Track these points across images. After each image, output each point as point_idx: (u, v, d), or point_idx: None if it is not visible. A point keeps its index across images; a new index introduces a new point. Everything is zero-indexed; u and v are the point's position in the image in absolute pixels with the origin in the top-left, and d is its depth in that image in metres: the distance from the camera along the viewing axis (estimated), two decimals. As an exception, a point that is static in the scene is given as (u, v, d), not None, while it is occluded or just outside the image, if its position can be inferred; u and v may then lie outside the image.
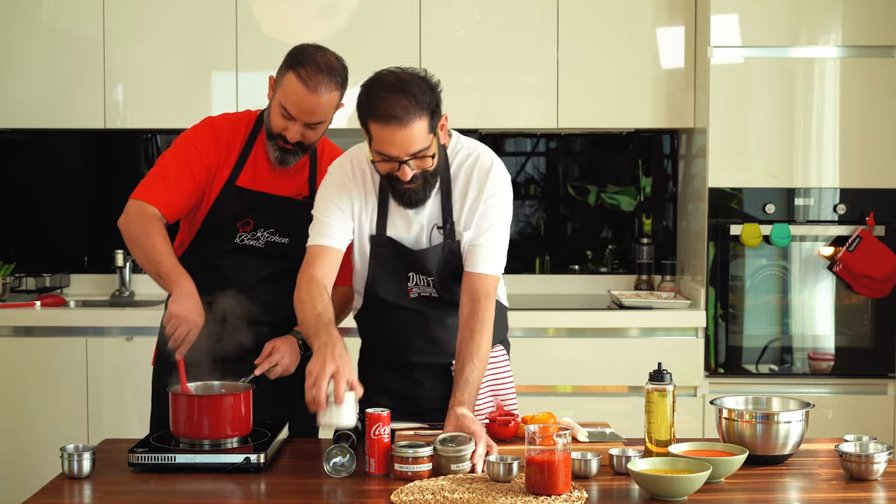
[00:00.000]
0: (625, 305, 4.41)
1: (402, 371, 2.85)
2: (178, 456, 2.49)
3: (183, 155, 2.95)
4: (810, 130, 4.30)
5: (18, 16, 4.50)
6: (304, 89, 2.84)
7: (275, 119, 2.90)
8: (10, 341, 4.30)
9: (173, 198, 2.93)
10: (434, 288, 2.76)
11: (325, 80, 2.85)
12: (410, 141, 2.53)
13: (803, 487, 2.41)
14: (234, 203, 2.95)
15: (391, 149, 2.54)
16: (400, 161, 2.56)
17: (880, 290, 4.27)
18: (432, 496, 2.25)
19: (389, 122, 2.51)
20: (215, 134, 2.98)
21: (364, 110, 2.57)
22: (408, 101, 2.52)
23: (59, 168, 4.97)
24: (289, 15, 4.53)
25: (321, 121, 2.90)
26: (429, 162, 2.59)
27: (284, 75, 2.88)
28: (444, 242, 2.72)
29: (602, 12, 4.50)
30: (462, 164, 2.74)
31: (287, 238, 2.98)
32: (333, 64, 2.90)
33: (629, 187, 4.97)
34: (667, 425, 2.49)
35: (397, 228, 2.74)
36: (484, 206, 2.71)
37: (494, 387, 2.86)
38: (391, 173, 2.60)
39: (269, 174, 2.98)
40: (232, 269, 2.95)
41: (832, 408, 4.28)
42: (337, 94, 2.90)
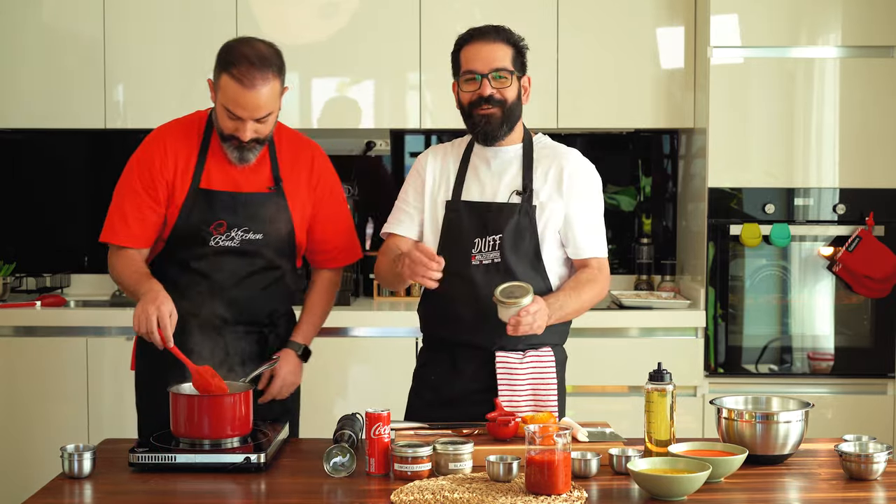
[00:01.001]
0: (625, 305, 4.41)
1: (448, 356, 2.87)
2: (178, 456, 2.49)
3: (137, 180, 2.93)
4: (810, 130, 4.30)
5: (18, 16, 4.50)
6: (241, 88, 2.78)
7: (223, 122, 2.85)
8: (10, 341, 4.30)
9: (139, 229, 2.93)
10: (499, 251, 2.82)
11: (259, 73, 2.79)
12: (494, 56, 2.84)
13: (803, 487, 2.41)
14: (203, 207, 2.92)
15: (476, 63, 2.84)
16: (482, 75, 2.82)
17: (880, 290, 4.27)
18: (432, 496, 2.25)
19: (478, 38, 2.88)
20: (165, 143, 2.94)
21: (459, 42, 2.91)
22: (496, 29, 2.92)
23: (59, 168, 4.97)
24: (289, 15, 4.53)
25: (269, 112, 2.84)
26: (507, 82, 2.85)
27: (220, 77, 2.82)
28: (521, 204, 2.83)
29: (602, 12, 4.50)
30: (544, 147, 2.95)
31: (261, 234, 2.95)
32: (265, 53, 2.83)
33: (629, 187, 4.97)
34: (666, 425, 2.49)
35: (471, 194, 2.88)
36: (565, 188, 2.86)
37: (536, 386, 2.86)
38: (473, 100, 2.84)
39: (232, 172, 2.94)
40: (210, 273, 2.92)
41: (832, 408, 4.28)
42: (277, 82, 2.84)
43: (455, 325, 2.85)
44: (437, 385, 2.89)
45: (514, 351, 2.85)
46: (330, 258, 3.10)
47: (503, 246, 2.82)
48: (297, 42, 4.51)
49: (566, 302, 2.80)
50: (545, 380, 2.87)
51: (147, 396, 3.02)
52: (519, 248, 2.83)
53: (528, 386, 2.84)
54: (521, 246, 2.83)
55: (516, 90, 2.88)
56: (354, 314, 4.32)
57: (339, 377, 4.30)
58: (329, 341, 4.28)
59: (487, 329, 2.80)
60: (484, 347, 2.84)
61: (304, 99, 4.56)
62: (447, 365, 2.88)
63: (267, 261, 2.96)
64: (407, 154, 5.01)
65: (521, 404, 2.82)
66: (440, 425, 2.71)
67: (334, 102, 4.54)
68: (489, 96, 2.82)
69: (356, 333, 4.30)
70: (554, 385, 2.88)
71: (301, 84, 4.55)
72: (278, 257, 2.99)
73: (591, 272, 2.89)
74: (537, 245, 2.84)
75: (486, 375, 2.84)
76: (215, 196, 2.92)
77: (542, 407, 2.83)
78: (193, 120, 3.01)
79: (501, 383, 2.82)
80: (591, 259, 2.90)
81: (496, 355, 2.83)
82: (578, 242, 2.89)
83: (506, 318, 2.65)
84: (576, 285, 2.85)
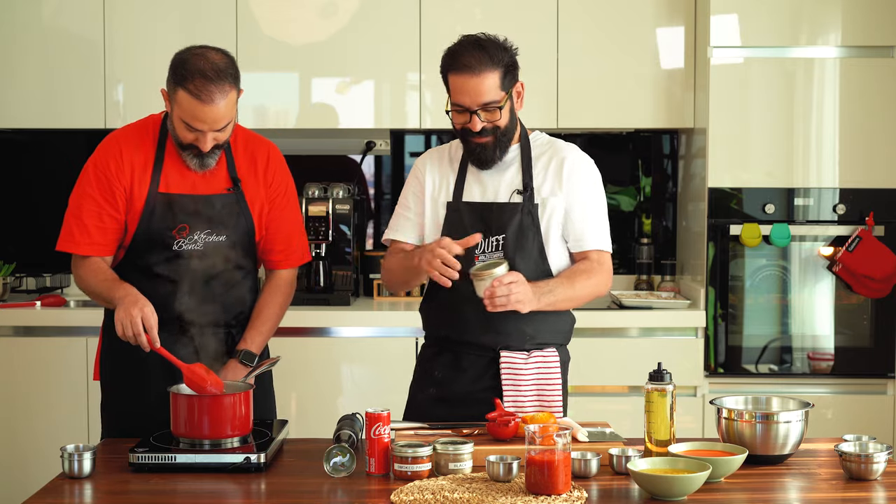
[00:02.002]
0: (625, 305, 4.41)
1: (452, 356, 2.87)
2: (178, 456, 2.49)
3: (94, 187, 2.91)
4: (810, 130, 4.30)
5: (18, 16, 4.50)
6: (199, 104, 2.74)
7: (182, 133, 2.82)
8: (10, 341, 4.30)
9: (100, 237, 2.91)
10: (503, 251, 2.81)
11: (216, 86, 2.75)
12: (481, 91, 2.74)
13: (803, 487, 2.41)
14: (164, 211, 2.89)
15: (463, 98, 2.76)
16: (471, 111, 2.75)
17: (880, 290, 4.27)
18: (432, 496, 2.25)
19: (463, 70, 2.74)
20: (121, 148, 2.91)
21: (445, 65, 2.81)
22: (482, 54, 2.75)
23: (59, 168, 4.96)
24: (289, 15, 4.52)
25: (229, 121, 2.82)
26: (497, 115, 2.77)
27: (175, 92, 2.79)
28: (523, 203, 2.82)
29: (602, 12, 4.50)
30: (542, 144, 2.93)
31: (224, 235, 2.93)
32: (220, 65, 2.78)
33: (629, 187, 4.97)
34: (666, 425, 2.49)
35: (472, 195, 2.87)
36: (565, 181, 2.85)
37: (540, 386, 2.86)
38: (465, 128, 2.79)
39: (190, 175, 2.91)
40: (175, 277, 2.89)
41: (832, 408, 4.28)
42: (234, 91, 2.80)
43: (460, 325, 2.85)
44: (442, 381, 2.89)
45: (519, 351, 2.85)
46: (284, 258, 3.06)
47: (507, 246, 2.82)
48: (297, 42, 4.52)
49: (556, 288, 2.77)
50: (550, 380, 2.87)
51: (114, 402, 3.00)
52: (523, 247, 2.83)
53: (532, 386, 2.85)
54: (524, 245, 2.83)
55: (509, 109, 2.81)
56: (354, 314, 4.32)
57: (339, 377, 4.29)
58: (329, 341, 4.29)
59: (492, 329, 2.81)
60: (489, 347, 2.84)
61: (304, 99, 4.56)
62: (452, 363, 2.89)
63: (231, 262, 2.94)
64: (407, 154, 5.01)
65: (526, 404, 2.82)
66: (440, 425, 2.71)
67: (334, 102, 4.54)
68: (481, 129, 2.78)
69: (356, 333, 4.29)
70: (559, 385, 2.88)
71: (301, 84, 4.55)
72: (242, 257, 2.97)
73: (590, 263, 2.86)
74: (541, 243, 2.84)
75: (490, 375, 2.85)
76: (175, 200, 2.89)
77: (546, 407, 2.83)
78: (147, 124, 2.98)
79: (506, 383, 2.82)
80: (591, 251, 2.88)
81: (501, 355, 2.83)
82: (578, 233, 2.87)
83: (481, 294, 2.65)
84: (570, 274, 2.83)
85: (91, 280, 2.90)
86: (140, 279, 2.88)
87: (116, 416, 2.97)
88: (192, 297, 2.88)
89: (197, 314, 2.88)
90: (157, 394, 2.66)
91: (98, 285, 2.88)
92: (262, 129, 4.16)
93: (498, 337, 2.82)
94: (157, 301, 2.81)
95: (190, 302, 2.87)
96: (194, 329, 2.86)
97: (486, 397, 2.79)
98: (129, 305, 2.73)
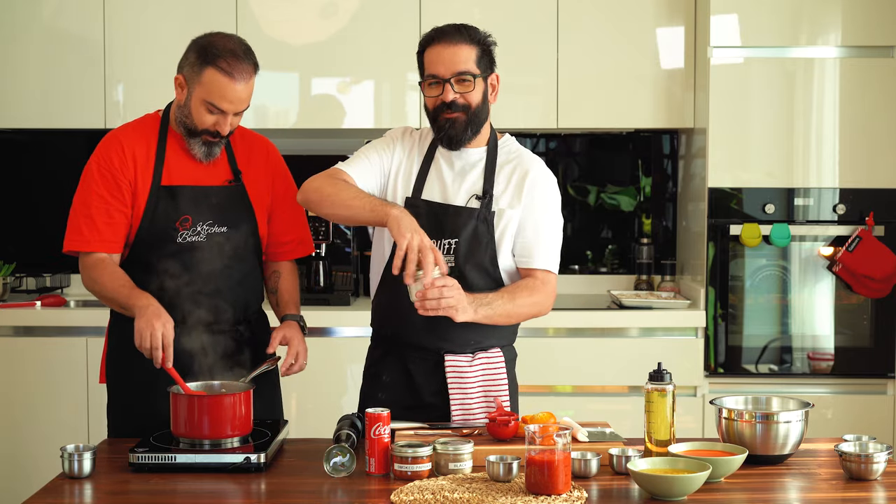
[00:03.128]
0: (625, 305, 4.41)
1: (398, 359, 2.85)
2: (178, 456, 2.49)
3: (99, 184, 2.91)
4: (810, 130, 4.30)
5: (18, 16, 4.50)
6: (230, 81, 2.80)
7: (200, 117, 2.84)
8: (10, 341, 4.30)
9: (111, 234, 2.90)
10: (454, 255, 2.76)
11: (246, 65, 2.83)
12: (456, 59, 2.74)
13: (803, 487, 2.41)
14: (167, 203, 2.90)
15: (438, 67, 2.74)
16: (444, 80, 2.73)
17: (880, 290, 4.27)
18: (432, 496, 2.25)
19: (440, 39, 2.77)
20: (122, 144, 2.92)
21: (422, 44, 2.81)
22: (458, 29, 2.79)
23: (59, 168, 4.97)
24: (289, 15, 4.52)
25: (248, 106, 2.89)
26: (471, 86, 2.75)
27: (202, 72, 2.82)
28: (480, 210, 2.78)
29: (602, 12, 4.50)
30: (510, 153, 2.88)
31: (225, 226, 2.94)
32: (246, 48, 2.87)
33: (629, 187, 4.97)
34: (666, 425, 2.49)
35: (432, 193, 2.81)
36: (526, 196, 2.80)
37: (487, 387, 2.83)
38: (437, 104, 2.76)
39: (191, 168, 2.93)
40: (179, 272, 2.89)
41: (832, 408, 4.28)
42: (254, 78, 2.88)
43: (405, 325, 2.79)
44: (391, 386, 2.85)
45: (462, 354, 2.81)
46: (290, 250, 3.10)
47: (458, 251, 2.77)
48: (297, 42, 4.52)
49: (495, 302, 2.70)
50: (496, 380, 2.84)
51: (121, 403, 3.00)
52: (475, 254, 2.78)
53: (479, 389, 2.81)
54: (476, 252, 2.78)
55: (481, 92, 2.78)
56: (355, 314, 4.32)
57: (339, 377, 4.29)
58: (329, 341, 4.29)
59: (438, 332, 2.77)
60: (433, 350, 2.81)
61: (304, 99, 4.56)
62: (399, 367, 2.84)
63: (235, 255, 2.95)
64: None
65: (474, 408, 2.79)
66: (440, 425, 2.71)
67: (334, 102, 4.54)
68: (452, 101, 2.75)
69: (356, 333, 4.29)
70: (505, 385, 2.84)
71: (301, 84, 4.55)
72: (245, 251, 2.98)
73: (533, 282, 2.78)
74: (493, 252, 2.79)
75: (437, 380, 2.81)
76: (178, 191, 2.91)
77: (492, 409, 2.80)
78: (146, 120, 3.00)
79: (452, 387, 2.79)
80: (538, 270, 2.80)
81: (445, 358, 2.79)
82: (527, 250, 2.80)
83: (413, 297, 2.60)
84: (512, 289, 2.75)
85: (106, 283, 2.87)
86: (145, 275, 2.88)
87: (123, 418, 2.97)
88: (197, 291, 2.88)
89: (203, 309, 2.88)
90: (163, 395, 2.65)
91: (115, 290, 2.85)
92: (262, 129, 4.16)
93: (442, 342, 2.79)
94: (161, 299, 2.81)
95: (195, 297, 2.88)
96: (200, 325, 2.87)
97: (434, 402, 2.78)
98: (152, 317, 2.72)
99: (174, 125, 2.95)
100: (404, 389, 2.84)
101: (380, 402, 2.78)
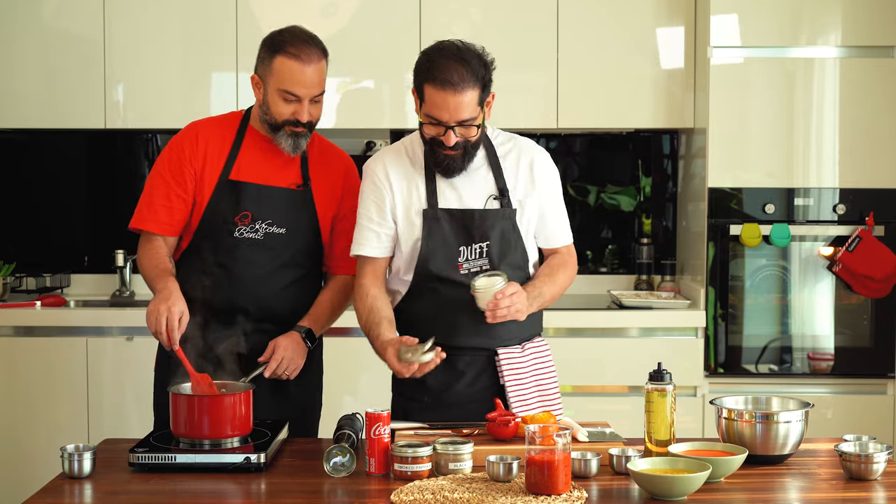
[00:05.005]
0: (625, 305, 4.41)
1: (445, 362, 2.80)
2: (178, 456, 2.49)
3: (165, 168, 2.97)
4: (810, 130, 4.30)
5: (18, 16, 4.50)
6: (300, 65, 2.86)
7: (278, 108, 2.89)
8: (10, 341, 4.30)
9: (165, 215, 2.95)
10: (487, 258, 2.79)
11: (314, 49, 2.90)
12: (461, 108, 2.68)
13: (803, 487, 2.41)
14: (229, 197, 2.94)
15: (442, 113, 2.68)
16: (447, 126, 2.69)
17: (880, 290, 4.27)
18: (432, 496, 2.25)
19: (445, 87, 2.66)
20: (198, 134, 2.98)
21: (422, 74, 2.71)
22: (465, 70, 2.67)
23: (59, 168, 4.97)
24: (289, 15, 4.51)
25: (322, 91, 2.93)
26: (473, 131, 2.73)
27: (272, 62, 2.89)
28: (504, 210, 2.80)
29: (602, 12, 4.50)
30: (506, 144, 2.88)
31: (284, 228, 2.96)
32: (313, 34, 2.95)
33: (629, 187, 4.97)
34: (666, 425, 2.49)
35: (448, 201, 2.81)
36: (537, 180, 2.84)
37: (538, 376, 2.87)
38: (435, 138, 2.72)
39: (262, 167, 2.97)
40: (233, 266, 2.93)
41: (832, 408, 4.28)
42: (325, 63, 2.93)
43: (453, 330, 2.80)
44: (436, 388, 2.85)
45: (513, 347, 2.85)
46: (349, 265, 3.05)
47: (491, 253, 2.80)
48: (297, 42, 4.51)
49: (543, 289, 2.80)
50: (546, 369, 2.90)
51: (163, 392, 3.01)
52: (507, 253, 2.81)
53: (531, 379, 2.85)
54: (508, 251, 2.81)
55: (480, 121, 2.74)
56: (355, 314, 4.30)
57: (343, 377, 4.28)
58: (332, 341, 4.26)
59: (486, 331, 2.79)
60: (484, 349, 2.83)
61: (304, 99, 4.56)
62: (445, 369, 2.82)
63: (290, 257, 2.97)
64: (407, 154, 5.00)
65: (529, 399, 2.82)
66: (440, 425, 2.71)
67: (335, 102, 4.54)
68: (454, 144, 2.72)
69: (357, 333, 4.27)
70: (553, 371, 2.91)
71: (301, 84, 4.54)
72: (301, 255, 3.00)
73: (562, 257, 2.91)
74: (523, 248, 2.84)
75: (487, 375, 2.84)
76: (242, 187, 2.95)
77: (545, 397, 2.85)
78: (229, 116, 3.07)
79: (509, 380, 2.81)
80: (562, 247, 2.93)
81: (498, 353, 2.82)
82: (552, 234, 2.91)
83: (484, 307, 2.66)
84: (550, 271, 2.86)
85: (147, 263, 2.94)
86: (200, 266, 2.91)
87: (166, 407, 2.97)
88: (247, 287, 2.91)
89: (251, 305, 2.90)
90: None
91: (150, 270, 2.92)
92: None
93: (493, 339, 2.82)
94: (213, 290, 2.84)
95: (245, 292, 2.90)
96: (247, 322, 2.88)
97: (484, 397, 2.79)
98: (160, 301, 2.76)
99: (255, 124, 2.99)
100: (452, 389, 2.84)
101: (425, 405, 2.80)
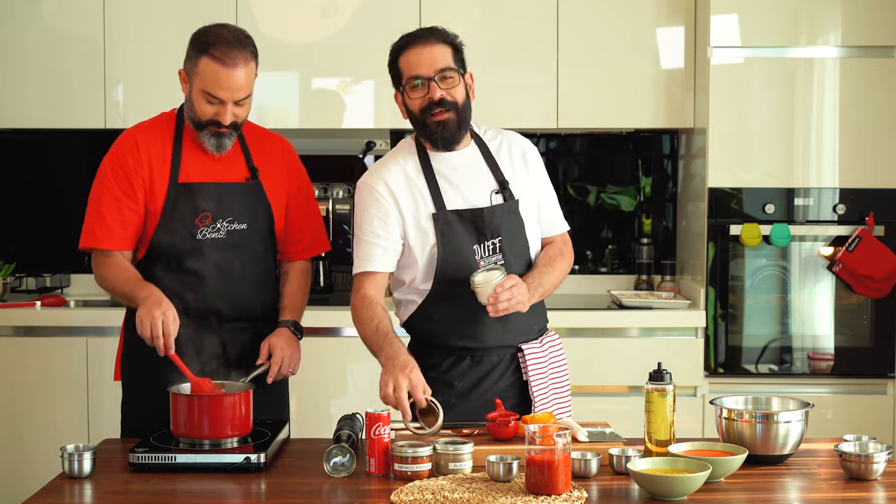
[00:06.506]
0: (625, 305, 4.41)
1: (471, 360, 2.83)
2: (178, 456, 2.49)
3: (112, 182, 2.92)
4: (810, 130, 4.30)
5: (18, 16, 4.50)
6: (223, 68, 2.81)
7: (201, 108, 2.86)
8: (10, 341, 4.30)
9: (121, 231, 2.92)
10: (502, 253, 2.80)
11: (240, 53, 2.84)
12: (435, 57, 2.74)
13: (803, 487, 2.41)
14: (186, 200, 2.91)
15: (420, 67, 2.74)
16: (428, 78, 2.73)
17: (880, 290, 4.27)
18: (432, 496, 2.25)
19: (415, 42, 2.77)
20: (137, 141, 2.94)
21: (395, 52, 2.81)
22: (429, 31, 2.81)
23: (59, 168, 4.97)
24: (289, 15, 4.53)
25: (248, 94, 2.88)
26: (455, 82, 2.75)
27: (197, 62, 2.85)
28: (507, 203, 2.82)
29: (602, 12, 4.50)
30: (496, 138, 2.91)
31: (245, 223, 2.96)
32: (241, 35, 2.89)
33: (629, 187, 4.97)
34: (666, 425, 2.49)
35: (453, 202, 2.81)
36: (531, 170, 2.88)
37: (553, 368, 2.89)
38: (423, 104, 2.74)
39: (209, 166, 2.94)
40: (199, 269, 2.91)
41: (832, 408, 4.28)
42: (254, 64, 2.89)
43: (479, 330, 2.79)
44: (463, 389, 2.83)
45: (534, 341, 2.87)
46: (303, 249, 3.10)
47: (504, 248, 2.81)
48: (297, 42, 4.52)
49: (543, 279, 2.81)
50: (559, 360, 2.93)
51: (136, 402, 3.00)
52: (516, 245, 2.84)
53: (549, 371, 2.89)
54: (516, 243, 2.84)
55: (464, 89, 2.79)
56: (354, 314, 4.31)
57: (339, 377, 4.29)
58: (329, 341, 4.29)
59: (509, 328, 2.81)
60: (508, 346, 2.84)
61: (304, 99, 4.56)
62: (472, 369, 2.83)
63: (253, 252, 2.97)
64: (407, 154, 5.00)
65: (546, 391, 2.85)
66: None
67: (334, 102, 4.54)
68: (441, 99, 2.74)
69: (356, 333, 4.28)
70: (565, 364, 2.95)
71: (301, 84, 4.55)
72: (263, 248, 3.00)
73: (559, 246, 2.94)
74: (527, 238, 2.87)
75: (511, 371, 2.85)
76: (197, 188, 2.92)
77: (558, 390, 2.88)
78: (162, 119, 3.03)
79: (533, 375, 2.82)
80: (557, 235, 2.95)
81: (523, 349, 2.84)
82: (549, 220, 2.94)
83: (484, 301, 2.66)
84: (548, 260, 2.87)
85: (115, 278, 2.91)
86: (165, 273, 2.90)
87: (137, 416, 2.97)
88: (216, 288, 2.90)
89: (223, 306, 2.90)
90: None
91: (122, 284, 2.89)
92: (262, 129, 4.16)
93: (516, 335, 2.84)
94: (182, 295, 2.83)
95: (215, 294, 2.89)
96: (221, 323, 2.87)
97: (508, 395, 2.81)
98: (151, 307, 2.75)
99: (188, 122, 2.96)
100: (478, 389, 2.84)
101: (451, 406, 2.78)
